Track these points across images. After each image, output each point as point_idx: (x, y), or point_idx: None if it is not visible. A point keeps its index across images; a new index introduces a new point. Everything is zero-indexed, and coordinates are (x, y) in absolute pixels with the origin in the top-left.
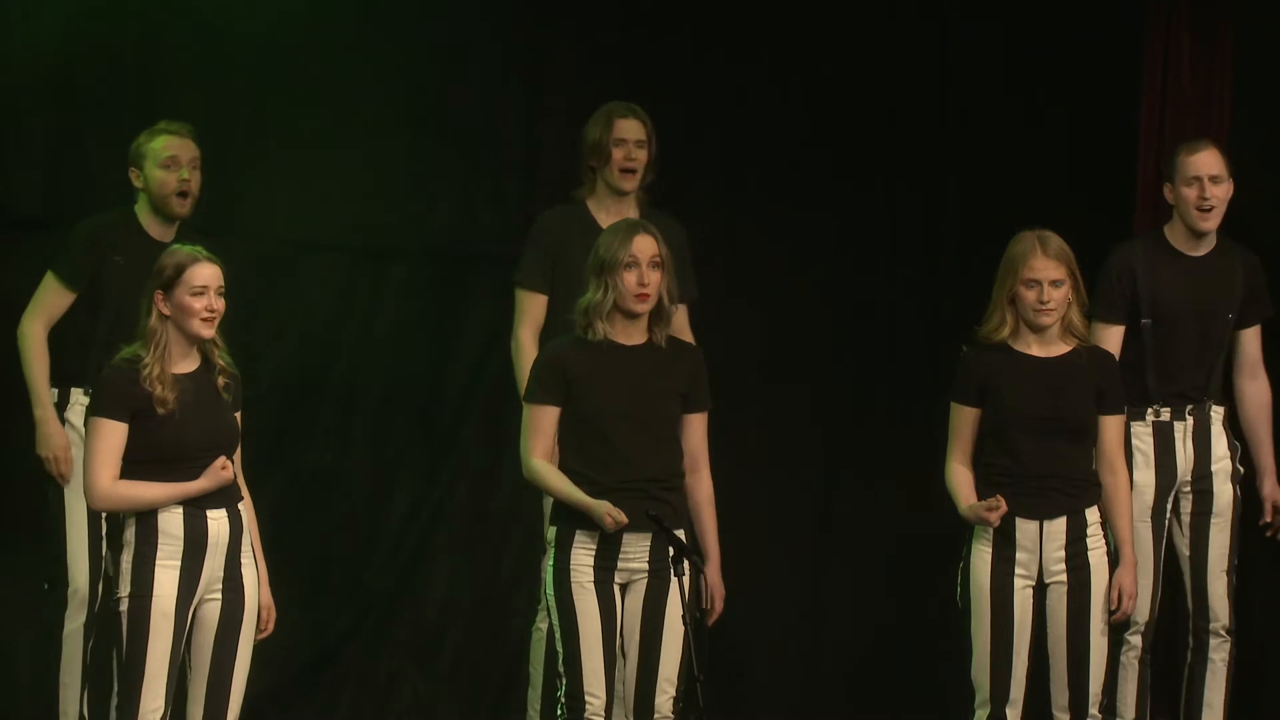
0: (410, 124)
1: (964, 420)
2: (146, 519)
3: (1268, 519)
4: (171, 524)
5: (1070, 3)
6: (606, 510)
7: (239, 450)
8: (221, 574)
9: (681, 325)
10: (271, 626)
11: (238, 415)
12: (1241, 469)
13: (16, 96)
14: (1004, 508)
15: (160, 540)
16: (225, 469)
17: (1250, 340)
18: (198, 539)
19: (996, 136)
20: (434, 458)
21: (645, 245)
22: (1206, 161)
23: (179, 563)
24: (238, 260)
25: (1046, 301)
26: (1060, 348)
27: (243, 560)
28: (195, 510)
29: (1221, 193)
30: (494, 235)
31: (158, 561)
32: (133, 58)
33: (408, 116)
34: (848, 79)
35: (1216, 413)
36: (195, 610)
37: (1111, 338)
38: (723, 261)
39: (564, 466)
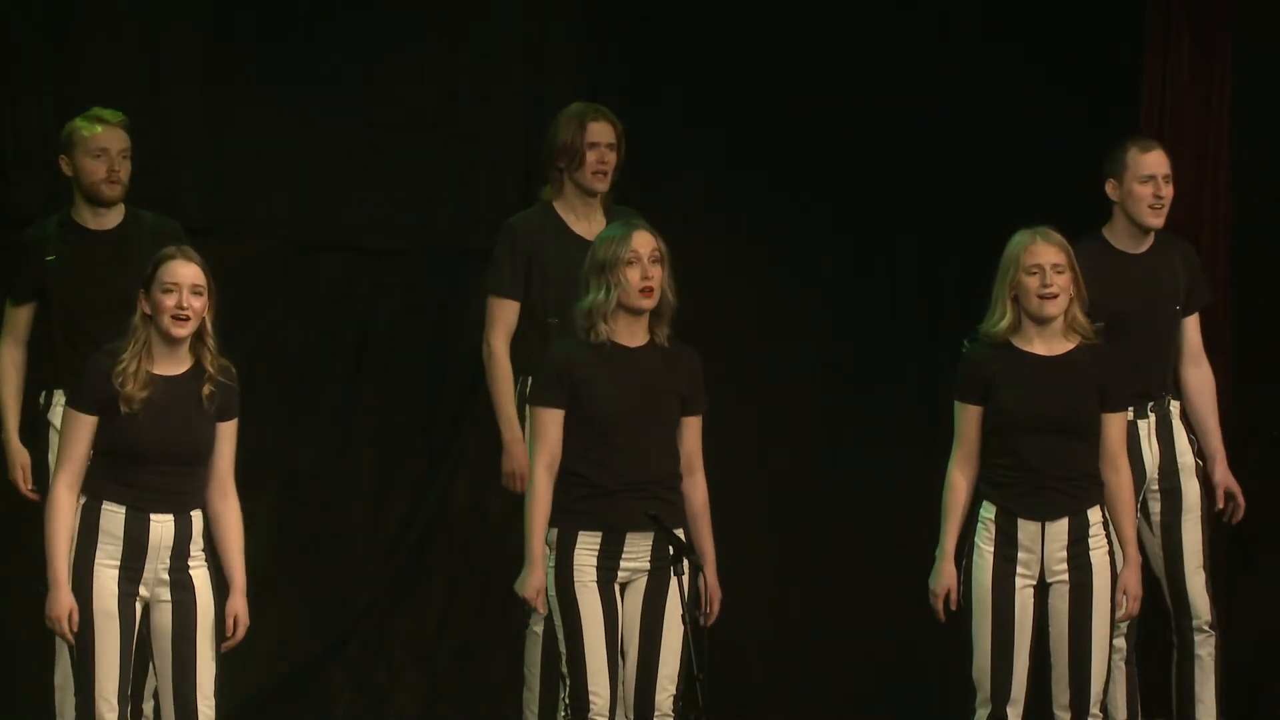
0: (410, 123)
1: (968, 419)
2: (89, 517)
3: (1220, 506)
4: (113, 523)
5: (1071, 2)
6: (534, 590)
7: (229, 458)
8: (167, 577)
9: None
10: (240, 634)
11: (228, 424)
12: (1200, 462)
13: (16, 96)
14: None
15: (100, 539)
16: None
17: (1192, 328)
18: (139, 540)
19: (996, 136)
20: (433, 457)
21: (645, 240)
22: (1161, 160)
23: (119, 562)
24: (239, 260)
25: (1050, 285)
26: (1063, 345)
27: (190, 564)
28: (138, 513)
29: (1171, 192)
30: (494, 234)
31: (97, 560)
32: (134, 56)
33: (408, 116)
34: (847, 77)
35: (1175, 407)
36: (149, 614)
37: None
38: (720, 254)
39: (566, 467)
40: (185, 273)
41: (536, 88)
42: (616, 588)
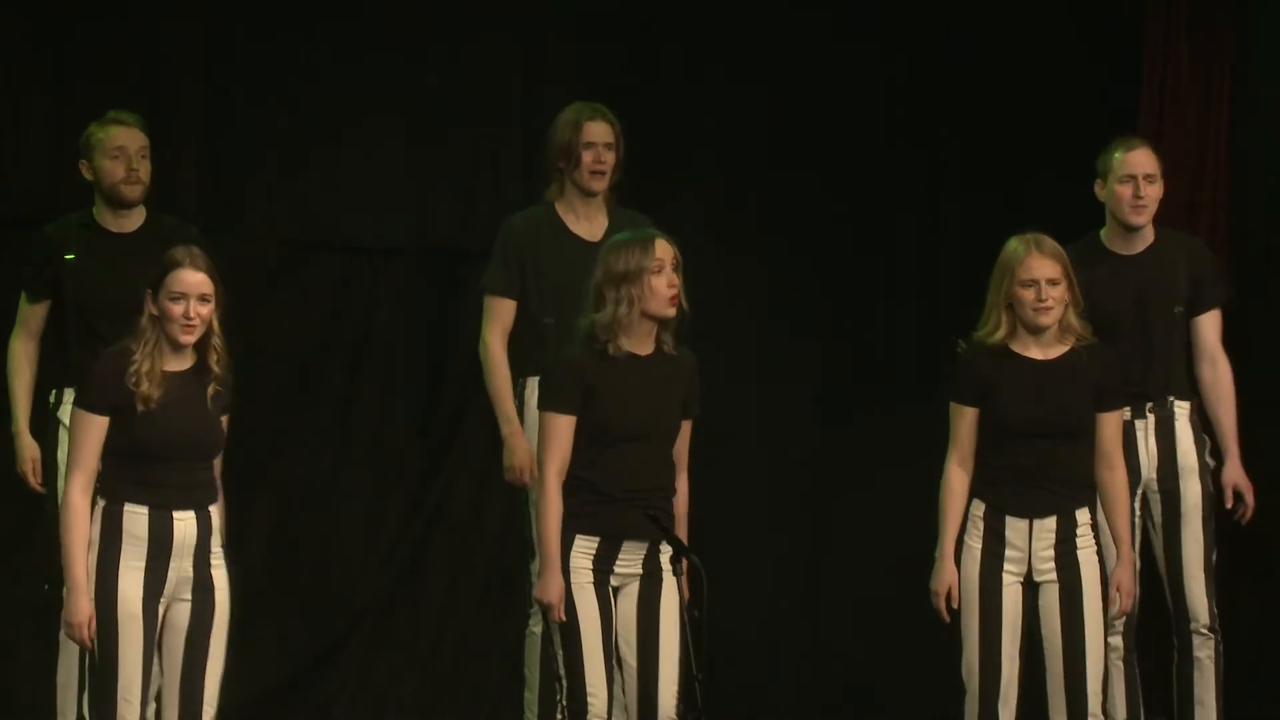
0: (410, 123)
1: (963, 420)
2: (110, 520)
3: (1229, 505)
4: (136, 525)
5: (1071, 2)
6: (556, 598)
7: (220, 455)
8: (190, 576)
9: None
10: None
11: (225, 419)
12: (1212, 462)
13: (16, 96)
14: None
15: (125, 541)
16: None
17: (1205, 327)
18: (163, 540)
19: (995, 137)
20: (432, 457)
21: (667, 248)
22: (1142, 160)
23: (143, 563)
24: (238, 259)
25: (1045, 300)
26: (1058, 349)
27: (213, 562)
28: (162, 511)
29: (1155, 192)
30: (493, 235)
31: (121, 563)
32: (134, 57)
33: (407, 116)
34: (847, 78)
35: (1181, 408)
36: (165, 612)
37: None
38: (720, 252)
39: (572, 472)
40: (192, 281)
41: (535, 88)
42: (611, 590)
